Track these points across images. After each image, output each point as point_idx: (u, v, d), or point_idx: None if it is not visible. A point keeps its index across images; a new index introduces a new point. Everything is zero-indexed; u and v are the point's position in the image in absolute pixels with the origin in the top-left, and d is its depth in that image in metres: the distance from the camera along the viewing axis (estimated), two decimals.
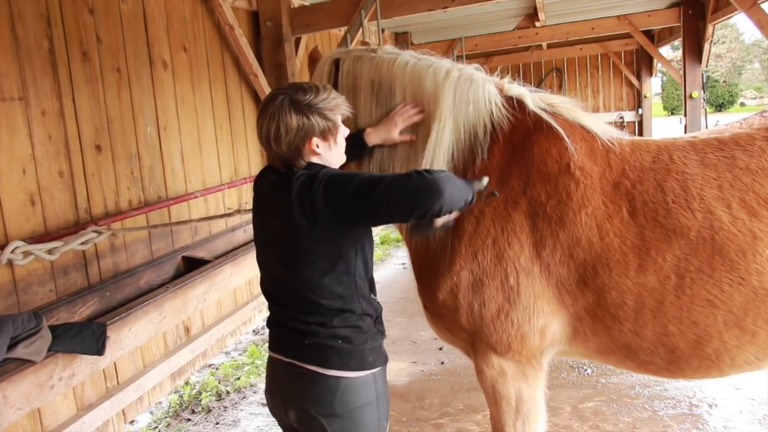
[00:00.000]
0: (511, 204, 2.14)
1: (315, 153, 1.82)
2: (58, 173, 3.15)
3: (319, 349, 1.84)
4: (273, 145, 1.80)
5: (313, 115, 1.77)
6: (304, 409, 1.87)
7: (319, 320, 1.84)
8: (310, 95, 1.78)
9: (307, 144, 1.79)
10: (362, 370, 1.87)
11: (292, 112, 1.76)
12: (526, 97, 2.29)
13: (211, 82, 4.52)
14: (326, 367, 1.83)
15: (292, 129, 1.76)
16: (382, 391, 1.93)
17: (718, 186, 2.01)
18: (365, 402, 1.87)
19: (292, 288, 1.86)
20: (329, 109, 1.80)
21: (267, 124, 1.78)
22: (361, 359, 1.87)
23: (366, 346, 1.88)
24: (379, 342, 1.97)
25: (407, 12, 5.12)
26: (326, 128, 1.81)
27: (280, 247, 1.85)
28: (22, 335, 2.42)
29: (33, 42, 3.03)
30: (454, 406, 4.01)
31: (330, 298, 1.83)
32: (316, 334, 1.84)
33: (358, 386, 1.86)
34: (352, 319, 1.87)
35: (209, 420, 4.29)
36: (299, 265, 1.81)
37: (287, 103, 1.76)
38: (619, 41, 11.35)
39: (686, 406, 3.74)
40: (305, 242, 1.78)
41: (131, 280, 3.53)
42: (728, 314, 1.95)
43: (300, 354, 1.86)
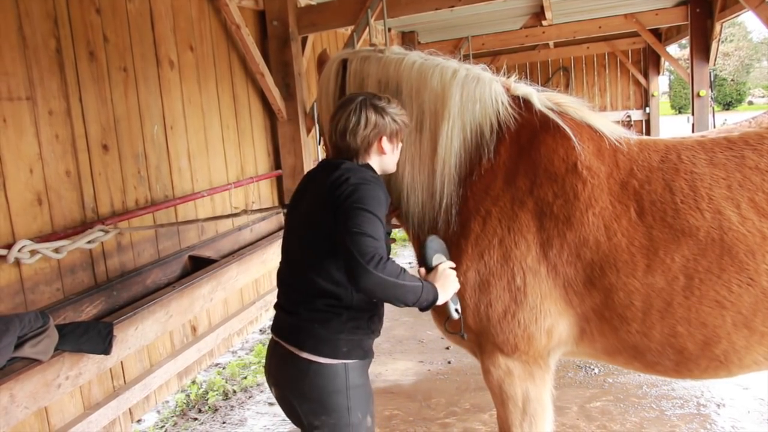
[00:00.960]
0: (518, 204, 2.13)
1: (381, 151, 2.03)
2: (65, 172, 3.16)
3: (299, 330, 1.98)
4: (349, 137, 1.99)
5: (387, 116, 2.00)
6: (281, 387, 2.06)
7: (307, 299, 1.97)
8: (384, 101, 2.03)
9: (377, 141, 2.01)
10: (334, 359, 1.97)
11: (372, 110, 1.98)
12: (533, 96, 2.28)
13: (217, 81, 4.53)
14: (300, 349, 1.96)
15: (370, 123, 1.97)
16: (355, 383, 2.00)
17: (728, 186, 1.99)
18: (334, 389, 1.97)
19: (298, 264, 2.01)
20: (398, 115, 2.04)
21: (347, 117, 1.98)
22: (334, 347, 1.96)
23: (341, 336, 1.97)
24: (360, 337, 2.02)
25: (414, 11, 5.10)
26: (395, 131, 2.04)
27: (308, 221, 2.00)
28: (29, 334, 2.43)
29: (40, 41, 3.04)
30: (461, 405, 4.00)
31: (325, 278, 1.94)
32: (299, 314, 1.98)
33: (327, 373, 1.96)
34: (336, 306, 1.96)
35: (216, 419, 4.29)
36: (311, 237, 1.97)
37: (368, 103, 1.99)
38: (626, 40, 11.30)
39: (694, 406, 3.72)
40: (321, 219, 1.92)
41: (138, 279, 3.54)
42: (737, 315, 1.93)
43: (284, 334, 2.03)
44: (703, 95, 7.63)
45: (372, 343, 2.12)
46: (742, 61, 34.06)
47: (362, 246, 1.77)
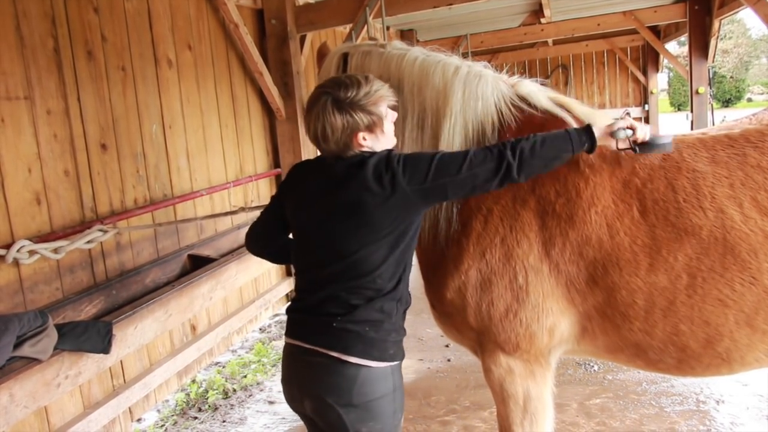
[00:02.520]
0: (520, 202, 2.12)
1: (363, 146, 1.86)
2: (64, 172, 3.15)
3: (346, 334, 1.85)
4: (322, 143, 1.86)
5: (356, 113, 1.81)
6: (321, 398, 1.87)
7: (360, 301, 1.85)
8: (352, 91, 1.82)
9: (354, 139, 1.84)
10: (383, 362, 1.87)
11: (336, 111, 1.80)
12: (536, 94, 2.27)
13: (216, 80, 4.51)
14: (349, 354, 1.84)
15: (337, 129, 1.81)
16: (398, 384, 1.94)
17: (730, 184, 1.98)
18: (382, 393, 1.87)
19: (346, 268, 1.86)
20: (373, 103, 1.84)
21: (314, 123, 1.84)
22: (383, 350, 1.88)
23: (390, 338, 1.90)
24: (402, 337, 1.98)
25: (412, 9, 5.10)
26: (371, 122, 1.84)
27: (343, 226, 1.85)
28: (28, 334, 2.42)
29: (38, 41, 3.02)
30: (461, 403, 4.00)
31: (386, 277, 1.86)
32: (348, 317, 1.85)
33: (376, 377, 1.86)
34: (389, 305, 1.89)
35: (216, 418, 4.29)
36: (368, 241, 1.83)
37: (330, 104, 1.81)
38: (625, 37, 11.30)
39: (693, 403, 3.72)
40: (377, 217, 1.81)
41: (137, 279, 3.52)
42: (739, 313, 1.93)
43: (324, 339, 1.87)
44: (702, 92, 7.63)
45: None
46: (741, 58, 34.09)
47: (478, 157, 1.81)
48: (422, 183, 1.80)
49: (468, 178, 1.81)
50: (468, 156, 1.82)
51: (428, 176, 1.80)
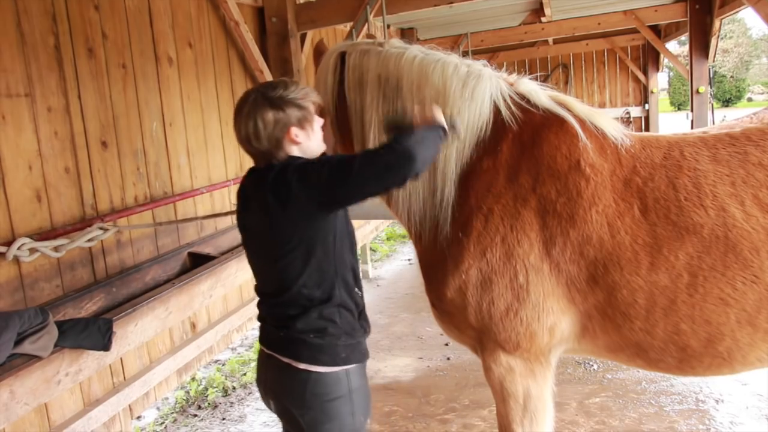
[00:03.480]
0: (521, 201, 2.12)
1: (295, 142, 1.88)
2: (64, 169, 3.15)
3: (293, 342, 1.91)
4: (253, 141, 1.86)
5: (287, 107, 1.85)
6: (280, 400, 1.98)
7: (296, 312, 1.89)
8: (281, 89, 1.87)
9: (286, 135, 1.85)
10: (334, 366, 1.91)
11: (267, 106, 1.83)
12: (536, 92, 2.27)
13: (216, 78, 4.51)
14: (298, 360, 1.90)
15: (270, 123, 1.83)
16: (356, 386, 1.96)
17: (731, 182, 1.98)
18: (336, 396, 1.91)
19: (275, 279, 1.93)
20: (301, 98, 1.88)
21: (245, 123, 1.85)
22: (333, 354, 1.91)
23: (339, 342, 1.92)
24: (357, 339, 1.99)
25: (413, 7, 5.10)
26: (302, 117, 1.88)
27: (262, 239, 1.93)
28: (28, 331, 2.42)
29: (39, 38, 3.02)
30: (460, 401, 4.01)
31: (310, 286, 1.88)
32: (291, 327, 1.90)
33: (328, 381, 1.90)
34: (328, 311, 1.91)
35: (215, 415, 4.29)
36: (281, 253, 1.86)
37: (261, 99, 1.84)
38: (625, 36, 11.30)
39: (693, 402, 3.73)
40: (283, 229, 1.84)
41: (137, 276, 3.52)
42: (741, 312, 1.93)
43: (277, 346, 1.95)
44: (703, 92, 7.63)
45: (365, 343, 2.06)
46: (741, 57, 34.09)
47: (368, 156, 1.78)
48: (314, 190, 1.78)
49: (360, 179, 1.76)
50: (357, 160, 1.77)
51: (319, 184, 1.77)
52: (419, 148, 1.78)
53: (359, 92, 2.33)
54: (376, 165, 1.77)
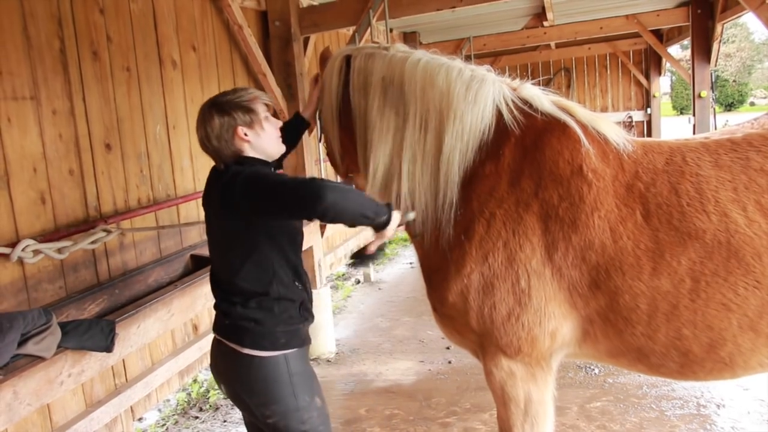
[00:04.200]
0: (523, 206, 2.12)
1: (245, 140, 2.07)
2: (69, 171, 3.16)
3: (236, 328, 2.11)
4: (207, 143, 2.10)
5: (234, 110, 2.05)
6: (228, 384, 2.18)
7: (239, 301, 2.11)
8: (230, 95, 2.09)
9: (235, 135, 2.05)
10: (274, 350, 2.10)
11: (214, 113, 2.05)
12: (538, 97, 2.28)
13: (220, 81, 4.52)
14: (241, 346, 2.09)
15: (216, 126, 2.05)
16: (296, 370, 2.14)
17: (733, 188, 1.99)
18: (277, 379, 2.09)
19: (222, 272, 2.16)
20: (248, 101, 2.08)
21: (199, 130, 2.10)
22: (273, 340, 2.10)
23: (278, 329, 2.11)
24: (296, 326, 2.17)
25: (415, 12, 5.10)
26: (248, 118, 2.07)
27: (213, 236, 2.18)
28: (32, 332, 2.42)
29: (44, 42, 3.03)
30: (461, 405, 4.01)
31: (249, 281, 2.08)
32: (234, 315, 2.11)
33: (269, 364, 2.09)
34: (266, 302, 2.10)
35: (217, 418, 4.30)
36: (224, 250, 2.13)
37: (208, 107, 2.08)
38: (627, 41, 11.30)
39: (694, 407, 3.73)
40: (227, 230, 2.09)
41: (140, 278, 3.53)
42: (743, 318, 1.93)
43: (224, 333, 2.15)
44: (705, 96, 7.64)
45: (307, 330, 2.25)
46: (743, 62, 34.09)
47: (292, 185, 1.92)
48: (247, 202, 1.97)
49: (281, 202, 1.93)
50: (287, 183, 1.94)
51: (256, 200, 1.96)
52: (333, 195, 1.86)
53: (363, 95, 2.35)
54: (293, 194, 1.92)
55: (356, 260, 2.36)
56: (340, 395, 4.37)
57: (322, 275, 5.21)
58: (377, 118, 2.31)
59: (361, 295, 6.91)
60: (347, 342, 5.42)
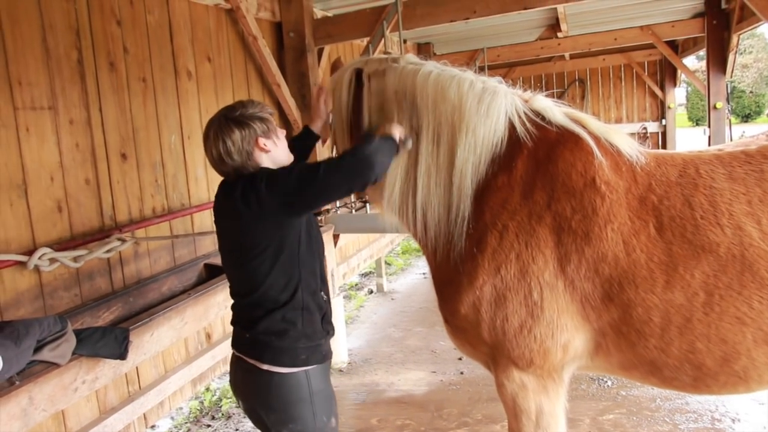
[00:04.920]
0: (536, 218, 2.12)
1: (264, 150, 2.05)
2: (85, 180, 3.20)
3: (257, 344, 2.06)
4: (227, 159, 2.02)
5: (251, 121, 2.02)
6: (247, 401, 2.13)
7: (261, 314, 2.05)
8: (240, 108, 2.05)
9: (255, 146, 2.03)
10: (294, 367, 2.05)
11: (233, 125, 2.01)
12: (551, 109, 2.28)
13: (234, 91, 4.57)
14: (261, 362, 2.05)
15: (237, 139, 2.00)
16: (318, 388, 2.09)
17: (747, 201, 1.98)
18: (298, 397, 2.05)
19: (244, 281, 2.09)
20: (260, 112, 2.07)
21: (215, 144, 2.02)
22: (293, 356, 2.05)
23: (299, 344, 2.06)
24: (318, 342, 2.13)
25: (429, 23, 5.13)
26: (266, 128, 2.06)
27: (233, 246, 2.10)
28: (48, 338, 2.46)
29: (62, 53, 3.09)
30: (473, 416, 3.99)
31: (276, 289, 2.03)
32: (256, 328, 2.05)
33: (289, 382, 2.04)
34: (291, 314, 2.05)
35: (229, 426, 4.31)
36: (249, 257, 2.02)
37: (223, 122, 2.02)
38: (642, 51, 11.24)
39: (708, 421, 3.68)
40: (253, 235, 2.00)
41: (154, 287, 3.56)
42: (758, 331, 1.92)
43: (243, 348, 2.11)
44: (720, 107, 7.57)
45: (329, 345, 2.20)
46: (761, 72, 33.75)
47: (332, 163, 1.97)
48: (285, 195, 1.95)
49: (325, 183, 1.95)
50: (322, 166, 1.97)
51: (287, 188, 1.95)
52: (377, 155, 2.00)
53: (377, 108, 2.35)
54: (339, 170, 1.97)
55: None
56: (352, 405, 4.36)
57: (335, 285, 5.22)
58: None
59: (373, 305, 6.91)
60: (360, 352, 5.42)
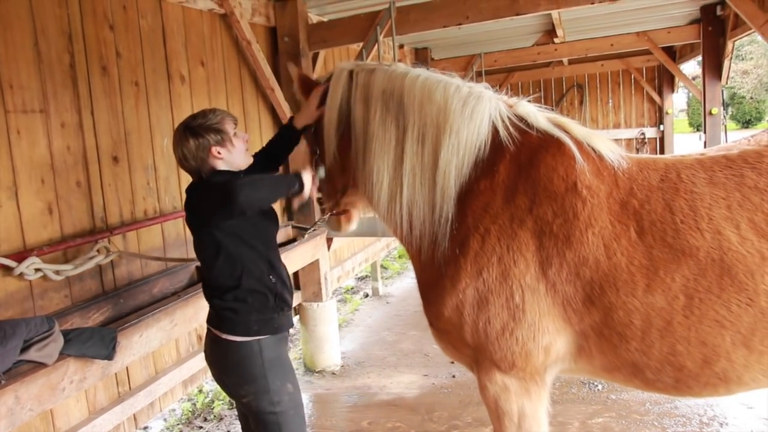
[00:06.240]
0: (517, 222, 2.14)
1: (218, 157, 2.34)
2: (76, 183, 3.23)
3: (218, 317, 2.41)
4: (185, 163, 2.36)
5: (206, 132, 2.31)
6: (212, 366, 2.48)
7: (218, 293, 2.39)
8: (200, 118, 2.35)
9: (209, 154, 2.33)
10: (247, 336, 2.36)
11: (189, 136, 2.32)
12: (534, 114, 2.30)
13: (228, 96, 4.60)
14: (221, 332, 2.39)
15: (192, 148, 2.31)
16: (270, 356, 2.39)
17: (727, 206, 1.99)
18: (251, 362, 2.35)
19: (203, 270, 2.44)
20: (217, 123, 2.34)
21: (176, 150, 2.37)
22: (246, 327, 2.36)
23: (251, 317, 2.37)
24: (270, 316, 2.42)
25: (422, 28, 5.16)
26: (220, 138, 2.34)
27: (195, 241, 2.44)
28: (35, 338, 2.47)
29: (55, 57, 3.12)
30: (463, 419, 4.00)
31: (224, 276, 2.35)
32: (215, 305, 2.42)
33: (243, 349, 2.36)
34: (241, 294, 2.36)
35: (221, 428, 4.32)
36: (200, 250, 2.41)
37: (182, 131, 2.34)
38: (640, 57, 11.27)
39: (696, 424, 3.68)
40: (199, 235, 2.38)
41: (145, 288, 3.58)
42: (736, 334, 1.93)
43: (210, 321, 2.46)
44: (716, 113, 7.60)
45: (284, 319, 2.49)
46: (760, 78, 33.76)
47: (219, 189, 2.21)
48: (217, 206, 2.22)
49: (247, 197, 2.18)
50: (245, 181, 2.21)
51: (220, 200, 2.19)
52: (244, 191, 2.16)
53: (365, 106, 2.38)
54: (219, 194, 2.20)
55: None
56: (343, 407, 4.37)
57: (328, 288, 5.24)
58: (379, 129, 2.34)
59: (369, 308, 6.92)
60: (353, 355, 5.43)
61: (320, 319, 5.08)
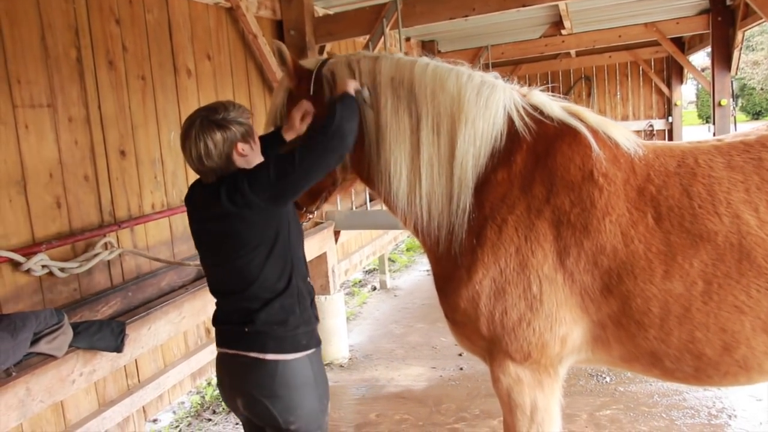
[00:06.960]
0: (535, 212, 2.11)
1: (242, 155, 2.06)
2: (84, 177, 3.21)
3: (258, 336, 2.06)
4: (205, 160, 2.02)
5: (232, 125, 2.03)
6: (249, 394, 2.10)
7: (259, 305, 2.06)
8: (222, 111, 2.04)
9: (234, 150, 2.03)
10: (297, 352, 2.09)
11: (215, 128, 2.01)
12: (548, 103, 2.26)
13: (234, 89, 4.57)
14: (265, 352, 2.05)
15: (219, 141, 2.00)
16: (319, 371, 2.15)
17: (746, 189, 1.96)
18: (303, 381, 2.08)
19: (236, 277, 2.08)
20: (240, 116, 2.07)
21: (195, 145, 2.01)
22: (295, 342, 2.09)
23: (299, 331, 2.10)
24: (313, 326, 2.18)
25: (428, 21, 5.12)
26: (245, 132, 2.07)
27: (222, 248, 2.09)
28: (44, 331, 2.47)
29: (61, 51, 3.10)
30: (471, 411, 3.99)
31: (272, 278, 2.06)
32: (255, 320, 2.06)
33: (294, 367, 2.07)
34: (288, 301, 2.09)
35: (230, 420, 4.32)
36: (242, 254, 2.04)
37: (207, 123, 2.01)
38: (649, 49, 11.17)
39: (705, 416, 3.65)
40: (243, 234, 2.02)
41: (153, 282, 3.57)
42: (756, 320, 1.90)
43: (242, 344, 2.09)
44: (725, 104, 7.52)
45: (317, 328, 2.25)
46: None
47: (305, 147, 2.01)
48: (269, 188, 1.98)
49: (303, 168, 1.99)
50: (296, 151, 2.00)
51: (269, 181, 1.98)
52: (344, 124, 2.04)
53: (373, 95, 2.33)
54: (314, 151, 2.01)
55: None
56: (351, 400, 4.36)
57: (336, 281, 5.22)
58: (392, 119, 2.29)
59: (376, 301, 6.91)
60: (361, 348, 5.42)
61: (328, 312, 5.07)
